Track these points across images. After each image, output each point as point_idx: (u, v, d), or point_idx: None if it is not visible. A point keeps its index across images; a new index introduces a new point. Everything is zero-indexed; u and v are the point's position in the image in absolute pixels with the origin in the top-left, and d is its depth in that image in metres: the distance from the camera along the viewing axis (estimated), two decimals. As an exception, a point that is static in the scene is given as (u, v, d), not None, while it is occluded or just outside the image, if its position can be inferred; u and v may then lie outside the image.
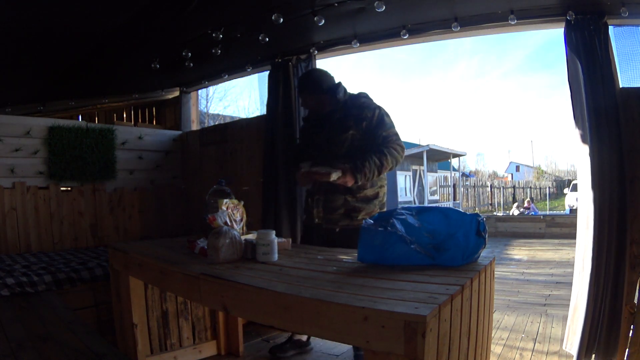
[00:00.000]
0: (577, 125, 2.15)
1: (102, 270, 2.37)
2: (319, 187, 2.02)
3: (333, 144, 2.01)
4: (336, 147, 1.99)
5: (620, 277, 1.99)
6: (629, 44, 2.10)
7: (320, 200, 2.02)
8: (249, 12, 2.39)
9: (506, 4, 2.21)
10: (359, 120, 1.98)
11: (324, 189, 2.00)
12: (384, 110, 2.03)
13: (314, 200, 2.04)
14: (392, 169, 1.98)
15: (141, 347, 1.93)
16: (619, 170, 2.01)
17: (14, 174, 2.96)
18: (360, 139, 1.97)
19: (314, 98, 2.09)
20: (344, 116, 2.02)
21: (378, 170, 1.89)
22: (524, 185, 24.49)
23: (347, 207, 1.98)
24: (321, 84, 2.07)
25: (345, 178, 1.85)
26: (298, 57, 2.90)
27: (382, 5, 2.13)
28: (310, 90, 2.09)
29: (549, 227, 8.61)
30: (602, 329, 2.01)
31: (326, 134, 2.04)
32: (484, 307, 1.31)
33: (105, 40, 2.62)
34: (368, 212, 1.97)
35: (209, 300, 1.40)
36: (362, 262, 1.38)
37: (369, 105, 2.02)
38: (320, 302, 1.03)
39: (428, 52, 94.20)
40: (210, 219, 1.53)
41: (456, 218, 1.36)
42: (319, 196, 2.02)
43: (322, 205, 2.01)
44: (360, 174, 1.85)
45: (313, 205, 2.05)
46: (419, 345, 0.88)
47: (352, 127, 1.98)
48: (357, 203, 1.98)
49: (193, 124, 4.16)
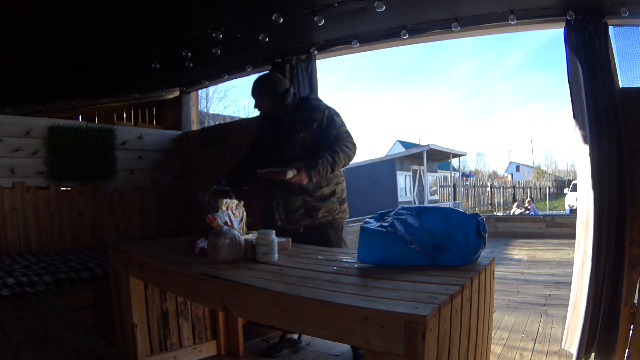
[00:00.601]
0: (577, 125, 2.15)
1: (102, 270, 2.37)
2: (277, 191, 2.10)
3: (285, 147, 2.08)
4: (289, 149, 2.07)
5: (620, 277, 1.99)
6: (629, 44, 2.10)
7: (280, 203, 2.10)
8: (249, 12, 2.39)
9: (506, 4, 2.21)
10: (309, 122, 2.06)
11: (283, 193, 2.08)
12: (334, 110, 2.11)
13: (274, 204, 2.11)
14: (346, 166, 2.07)
15: (141, 347, 1.93)
16: (619, 170, 2.01)
17: (14, 174, 2.96)
18: (311, 141, 2.05)
19: (269, 101, 2.12)
20: (295, 119, 2.09)
21: (331, 167, 1.96)
22: (524, 185, 24.50)
23: (306, 206, 2.07)
24: (277, 87, 2.11)
25: (300, 176, 1.90)
26: (298, 57, 2.90)
27: (382, 5, 2.13)
28: (267, 93, 2.11)
29: (549, 227, 8.61)
30: (602, 329, 2.01)
31: (279, 136, 2.12)
32: (484, 307, 1.32)
33: (106, 40, 2.62)
34: (327, 210, 2.10)
35: (209, 300, 1.40)
36: (362, 262, 1.38)
37: (318, 106, 2.10)
38: (320, 302, 1.03)
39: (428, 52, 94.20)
40: (210, 219, 1.53)
41: (456, 218, 1.36)
42: (278, 200, 2.10)
43: (282, 208, 2.09)
44: (314, 171, 1.91)
45: (274, 208, 2.12)
46: (419, 345, 0.88)
47: (303, 130, 2.06)
48: (315, 202, 2.07)
49: (193, 124, 4.16)
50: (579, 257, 2.18)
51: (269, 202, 2.15)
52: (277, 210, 2.11)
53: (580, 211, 2.20)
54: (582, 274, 2.13)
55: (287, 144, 2.09)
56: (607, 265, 2.01)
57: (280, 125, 2.13)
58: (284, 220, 2.10)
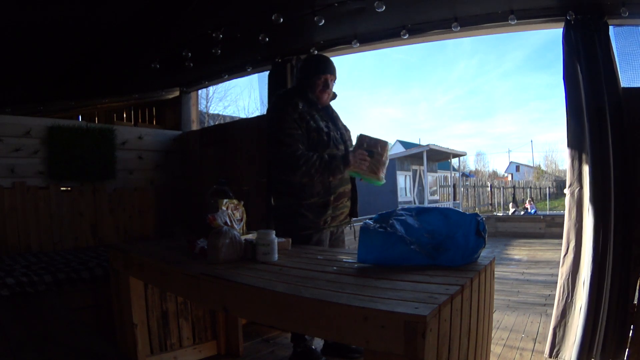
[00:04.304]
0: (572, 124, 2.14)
1: (102, 270, 2.37)
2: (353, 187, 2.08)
3: (344, 138, 2.05)
4: (349, 141, 2.07)
5: (622, 277, 1.98)
6: (629, 44, 2.10)
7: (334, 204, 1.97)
8: (249, 12, 2.38)
9: (506, 4, 2.21)
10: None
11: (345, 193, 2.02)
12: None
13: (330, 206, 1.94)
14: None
15: (141, 347, 1.93)
16: (619, 169, 2.01)
17: (14, 174, 2.96)
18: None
19: (333, 84, 2.05)
20: (332, 112, 2.11)
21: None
22: (524, 185, 24.48)
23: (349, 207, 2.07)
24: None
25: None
26: (298, 57, 2.90)
27: (382, 5, 2.13)
28: (335, 74, 2.03)
29: (549, 227, 8.61)
30: (602, 328, 2.01)
31: (334, 130, 2.02)
32: (484, 307, 1.31)
33: (106, 40, 2.62)
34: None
35: (209, 300, 1.40)
36: (362, 262, 1.38)
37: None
38: (320, 302, 1.03)
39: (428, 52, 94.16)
40: (210, 219, 1.53)
41: (456, 218, 1.36)
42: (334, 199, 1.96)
43: (336, 208, 1.98)
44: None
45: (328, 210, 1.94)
46: (419, 345, 0.88)
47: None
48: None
49: (193, 124, 4.16)
50: (568, 261, 2.15)
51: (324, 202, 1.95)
52: (335, 210, 1.98)
53: (573, 214, 2.16)
54: (576, 279, 2.10)
55: (343, 135, 2.05)
56: (608, 266, 2.00)
57: (327, 112, 2.06)
58: (330, 221, 1.99)
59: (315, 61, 2.06)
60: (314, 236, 1.94)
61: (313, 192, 1.90)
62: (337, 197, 1.96)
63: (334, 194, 1.94)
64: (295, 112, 1.89)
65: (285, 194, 1.95)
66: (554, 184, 28.83)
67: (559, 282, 2.19)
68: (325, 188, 1.92)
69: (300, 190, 1.90)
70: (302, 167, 1.82)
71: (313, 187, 1.90)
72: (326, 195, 1.92)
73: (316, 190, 1.90)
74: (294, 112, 1.89)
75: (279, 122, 1.89)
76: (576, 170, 2.15)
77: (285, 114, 1.88)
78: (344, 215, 2.04)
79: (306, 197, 1.90)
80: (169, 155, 3.81)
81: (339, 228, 2.09)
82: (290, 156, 1.83)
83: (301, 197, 1.90)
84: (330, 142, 1.94)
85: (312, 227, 1.92)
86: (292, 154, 1.83)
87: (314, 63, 2.04)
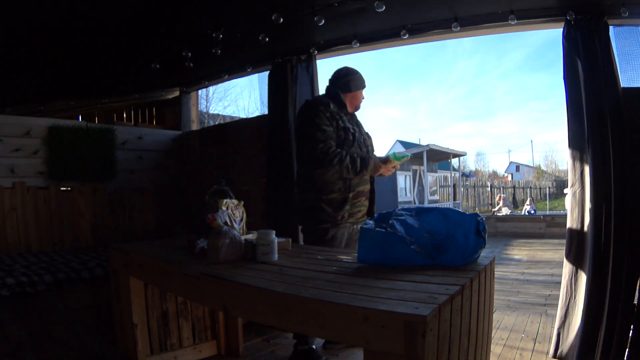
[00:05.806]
0: (573, 124, 2.14)
1: (102, 270, 2.37)
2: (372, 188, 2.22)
3: (365, 140, 2.21)
4: (367, 143, 2.23)
5: (622, 277, 1.98)
6: (629, 44, 2.10)
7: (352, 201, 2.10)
8: (249, 12, 2.39)
9: (506, 4, 2.21)
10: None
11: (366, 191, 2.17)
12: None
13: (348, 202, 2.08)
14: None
15: (141, 347, 1.93)
16: (619, 170, 2.01)
17: (14, 174, 2.96)
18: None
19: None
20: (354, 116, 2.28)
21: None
22: (524, 185, 24.47)
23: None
24: None
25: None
26: (298, 57, 2.90)
27: (382, 5, 2.13)
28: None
29: (549, 227, 8.61)
30: (603, 329, 2.01)
31: (359, 132, 2.19)
32: (484, 307, 1.31)
33: (106, 40, 2.62)
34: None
35: (209, 300, 1.40)
36: (362, 262, 1.38)
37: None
38: (320, 302, 1.03)
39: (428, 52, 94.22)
40: (210, 219, 1.52)
41: (455, 218, 1.36)
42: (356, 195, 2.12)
43: (353, 205, 2.11)
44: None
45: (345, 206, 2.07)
46: (419, 345, 0.88)
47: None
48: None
49: (193, 124, 4.16)
50: (571, 261, 2.15)
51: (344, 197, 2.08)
52: (358, 207, 2.14)
53: (575, 214, 2.17)
54: (579, 279, 2.11)
55: (366, 140, 2.22)
56: (608, 266, 2.00)
57: (353, 120, 2.24)
58: (350, 217, 2.12)
59: (359, 75, 2.26)
60: (330, 230, 2.07)
61: (334, 189, 2.05)
62: (356, 195, 2.10)
63: (352, 192, 2.08)
64: (327, 111, 2.07)
65: (308, 189, 2.10)
66: (554, 184, 28.80)
67: (562, 283, 2.19)
68: (345, 185, 2.06)
69: (322, 186, 2.05)
70: (336, 165, 1.99)
71: (334, 184, 2.05)
72: (346, 192, 2.07)
73: (337, 187, 2.05)
74: (326, 111, 2.07)
75: (312, 118, 2.05)
76: (577, 171, 2.15)
77: (318, 111, 2.06)
78: (361, 214, 2.16)
79: (326, 193, 2.05)
80: (169, 155, 3.81)
81: (355, 226, 2.17)
82: (325, 152, 1.99)
83: (322, 192, 2.05)
84: (355, 142, 2.11)
85: (330, 221, 2.05)
86: (325, 150, 1.99)
87: (360, 77, 2.25)
